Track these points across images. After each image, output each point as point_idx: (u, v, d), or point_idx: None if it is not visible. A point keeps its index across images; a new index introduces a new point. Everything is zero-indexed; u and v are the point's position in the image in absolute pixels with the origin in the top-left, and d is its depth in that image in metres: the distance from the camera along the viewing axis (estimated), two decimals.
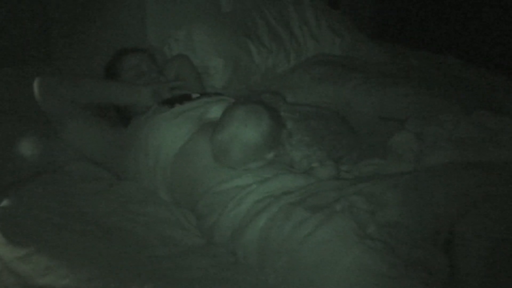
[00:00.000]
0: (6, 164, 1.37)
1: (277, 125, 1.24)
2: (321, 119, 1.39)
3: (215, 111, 1.37)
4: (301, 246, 1.02)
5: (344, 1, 2.78)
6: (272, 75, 2.11)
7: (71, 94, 1.42)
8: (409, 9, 3.00)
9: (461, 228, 1.04)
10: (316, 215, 1.06)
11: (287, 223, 1.07)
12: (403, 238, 1.05)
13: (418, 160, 1.35)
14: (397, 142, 1.43)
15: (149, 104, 1.47)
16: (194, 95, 1.49)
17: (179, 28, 2.00)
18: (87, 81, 1.48)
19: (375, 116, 1.77)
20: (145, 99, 1.48)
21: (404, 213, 1.09)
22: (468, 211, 1.06)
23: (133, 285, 1.02)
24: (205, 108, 1.40)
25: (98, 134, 1.44)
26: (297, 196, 1.15)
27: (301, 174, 1.25)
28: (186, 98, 1.46)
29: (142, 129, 1.37)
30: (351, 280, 0.97)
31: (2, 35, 1.68)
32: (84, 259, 1.08)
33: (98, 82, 1.51)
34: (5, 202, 1.22)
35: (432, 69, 2.15)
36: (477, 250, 1.00)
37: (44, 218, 1.18)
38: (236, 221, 1.15)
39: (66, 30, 1.80)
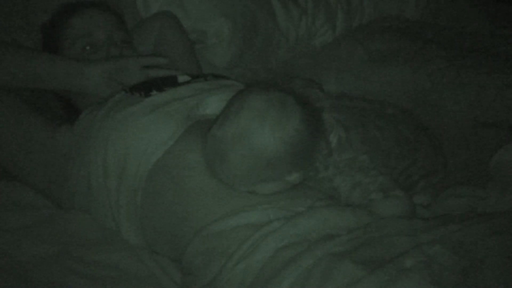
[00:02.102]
0: None
1: (312, 131, 1.25)
2: (386, 124, 1.40)
3: (212, 104, 1.38)
4: None
5: None
6: (307, 49, 2.12)
7: None
8: None
9: None
10: (374, 274, 1.07)
11: (328, 285, 1.07)
12: None
13: None
14: (504, 162, 1.43)
15: (100, 93, 1.49)
16: (182, 78, 1.51)
17: None
18: (1, 50, 1.50)
19: (469, 119, 1.78)
20: (92, 85, 1.50)
21: (510, 276, 1.09)
22: None
23: None
24: (197, 99, 1.42)
25: (27, 136, 1.46)
26: (345, 243, 1.16)
27: (351, 208, 1.26)
28: (168, 82, 1.48)
29: (99, 130, 1.39)
30: None
31: None
32: None
33: (18, 54, 1.51)
34: None
35: None
36: None
37: None
38: (248, 278, 1.15)
39: None
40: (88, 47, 1.58)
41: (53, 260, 1.26)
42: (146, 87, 1.44)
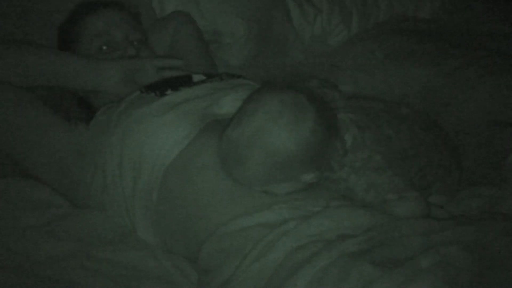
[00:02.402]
0: None
1: (327, 132, 1.25)
2: (401, 124, 1.40)
3: (228, 104, 1.39)
4: None
5: None
6: (322, 48, 2.13)
7: None
8: None
9: None
10: (390, 274, 1.06)
11: (344, 285, 1.07)
12: None
13: None
14: None
15: (116, 91, 1.50)
16: (197, 78, 1.51)
17: None
18: (17, 49, 1.50)
19: (484, 118, 1.77)
20: (108, 83, 1.51)
21: None
22: None
23: None
24: (213, 98, 1.42)
25: (44, 134, 1.47)
26: (361, 243, 1.16)
27: (367, 208, 1.26)
28: (183, 82, 1.48)
29: (114, 129, 1.39)
30: None
31: None
32: None
33: (36, 53, 1.52)
34: None
35: None
36: None
37: None
38: (263, 278, 1.15)
39: None
40: (105, 47, 1.59)
41: (69, 258, 1.27)
42: (161, 87, 1.45)
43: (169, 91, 1.43)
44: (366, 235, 1.17)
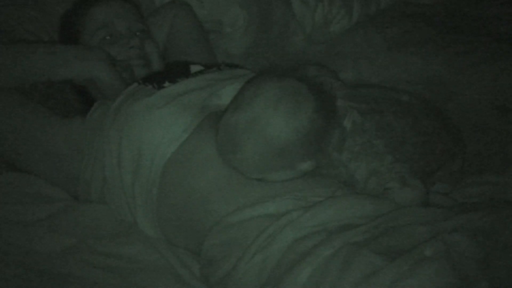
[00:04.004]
0: None
1: (326, 120, 1.25)
2: (402, 111, 1.39)
3: (227, 95, 1.38)
4: None
5: None
6: (323, 36, 2.12)
7: None
8: None
9: None
10: (394, 263, 1.06)
11: (347, 276, 1.07)
12: None
13: None
14: None
15: (111, 80, 1.50)
16: (194, 68, 1.51)
17: None
18: (5, 49, 1.50)
19: (487, 104, 1.77)
20: (101, 68, 1.50)
21: None
22: None
23: None
24: (211, 90, 1.42)
25: (36, 133, 1.46)
26: (364, 232, 1.16)
27: (370, 197, 1.26)
28: (181, 73, 1.48)
29: (112, 122, 1.39)
30: None
31: None
32: None
33: (24, 49, 1.52)
34: None
35: None
36: None
37: None
38: (266, 269, 1.16)
39: None
40: (108, 37, 1.58)
41: (70, 252, 1.27)
42: (159, 79, 1.45)
43: (167, 83, 1.43)
44: (369, 225, 1.17)
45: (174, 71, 1.49)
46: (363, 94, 1.40)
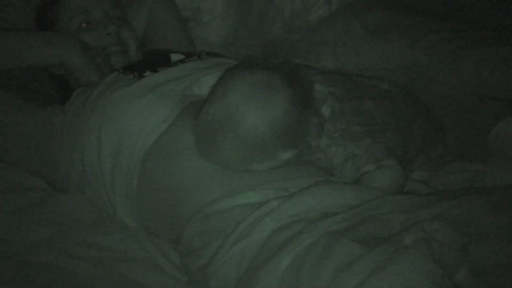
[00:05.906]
0: None
1: (302, 109, 1.25)
2: (380, 98, 1.40)
3: (207, 83, 1.36)
4: None
5: None
6: (303, 24, 2.12)
7: None
8: None
9: None
10: (373, 252, 1.07)
11: (326, 264, 1.07)
12: None
13: None
14: (504, 135, 1.44)
15: (79, 67, 1.50)
16: (175, 57, 1.51)
17: None
18: None
19: (467, 93, 1.78)
20: (73, 53, 1.51)
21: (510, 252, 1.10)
22: None
23: None
24: (192, 78, 1.42)
25: (15, 117, 1.46)
26: (344, 220, 1.16)
27: (350, 185, 1.26)
28: (161, 62, 1.48)
29: (92, 111, 1.39)
30: None
31: None
32: None
33: None
34: None
35: None
36: None
37: None
38: (245, 258, 1.16)
39: None
40: (84, 24, 1.58)
41: (49, 242, 1.27)
42: (139, 68, 1.45)
43: (147, 72, 1.43)
44: (349, 213, 1.18)
45: (155, 59, 1.49)
46: (342, 79, 1.40)
